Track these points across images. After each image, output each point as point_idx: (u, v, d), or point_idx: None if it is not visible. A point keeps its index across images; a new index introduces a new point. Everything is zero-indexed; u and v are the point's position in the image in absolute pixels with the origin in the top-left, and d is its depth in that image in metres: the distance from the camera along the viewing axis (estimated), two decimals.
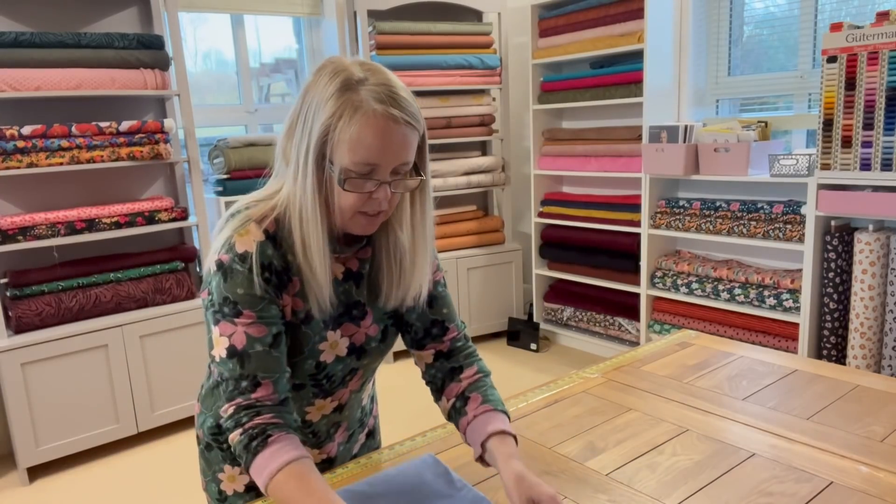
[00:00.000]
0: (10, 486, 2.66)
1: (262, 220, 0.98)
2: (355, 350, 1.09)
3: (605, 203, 3.54)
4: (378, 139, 0.91)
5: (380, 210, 0.97)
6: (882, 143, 2.30)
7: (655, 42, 3.13)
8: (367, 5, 3.53)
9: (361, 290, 1.09)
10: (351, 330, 1.08)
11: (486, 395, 1.10)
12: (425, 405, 3.17)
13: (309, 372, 1.05)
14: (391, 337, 1.15)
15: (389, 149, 0.92)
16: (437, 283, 1.17)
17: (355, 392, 1.17)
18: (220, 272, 0.96)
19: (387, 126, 0.91)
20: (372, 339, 1.11)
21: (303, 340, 1.03)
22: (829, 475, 1.03)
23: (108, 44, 2.75)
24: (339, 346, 1.07)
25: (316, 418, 1.13)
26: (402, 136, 0.93)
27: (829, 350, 2.59)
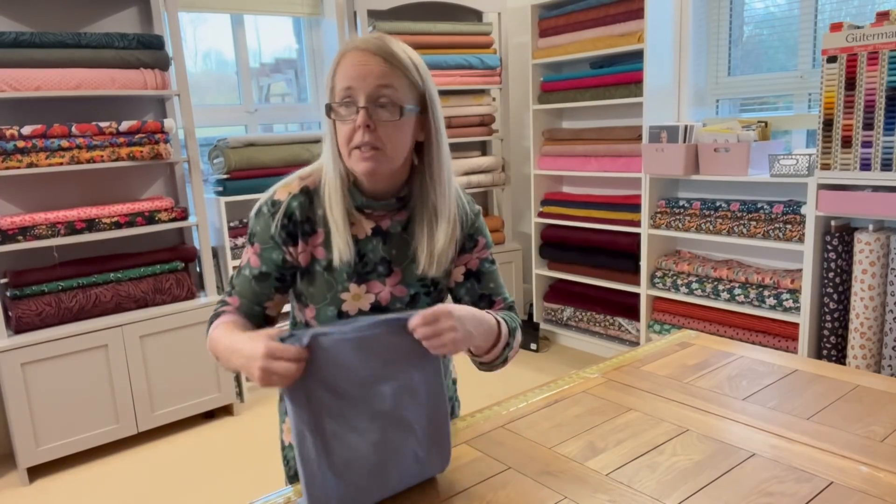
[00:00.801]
0: (10, 486, 2.66)
1: (307, 177, 1.14)
2: (380, 308, 1.15)
3: (605, 203, 3.54)
4: (352, 68, 1.04)
5: (366, 141, 1.03)
6: (882, 143, 2.30)
7: (655, 42, 3.13)
8: (367, 5, 3.53)
9: (389, 249, 1.15)
10: (376, 287, 1.15)
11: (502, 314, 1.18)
12: None
13: (332, 319, 1.14)
14: (422, 304, 1.17)
15: (362, 74, 1.03)
16: (484, 260, 1.23)
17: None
18: (255, 210, 1.15)
19: (361, 56, 1.04)
20: (398, 299, 1.15)
21: (325, 287, 1.14)
22: (829, 475, 1.03)
23: (108, 44, 2.75)
24: (363, 300, 1.14)
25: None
26: (377, 66, 1.03)
27: (829, 350, 2.59)
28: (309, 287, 1.15)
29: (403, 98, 1.06)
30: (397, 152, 1.08)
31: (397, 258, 1.15)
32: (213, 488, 2.55)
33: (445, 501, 1.01)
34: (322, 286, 1.14)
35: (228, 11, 3.51)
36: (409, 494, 1.03)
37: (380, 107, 1.04)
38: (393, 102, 1.04)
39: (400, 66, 1.05)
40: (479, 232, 1.22)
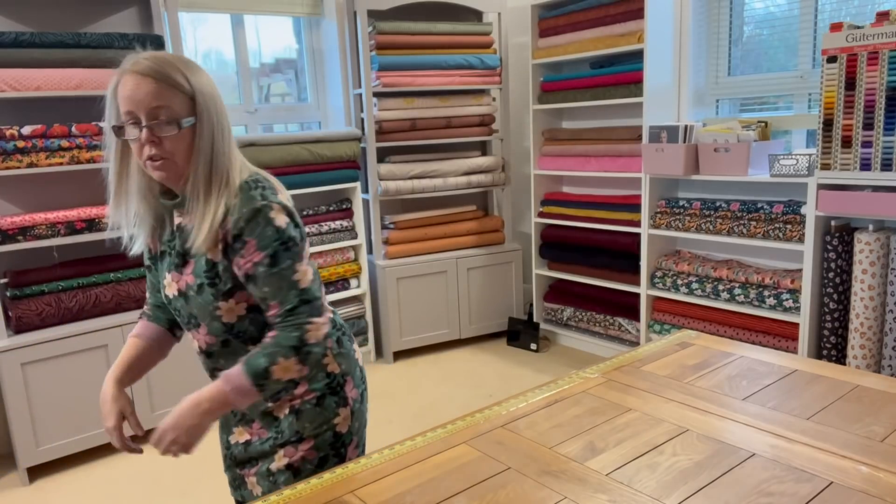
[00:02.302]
0: (10, 486, 2.66)
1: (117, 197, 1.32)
2: (181, 294, 1.28)
3: (605, 203, 3.54)
4: (127, 90, 1.14)
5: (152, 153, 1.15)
6: (882, 143, 2.30)
7: (655, 42, 3.13)
8: (367, 5, 3.53)
9: (184, 243, 1.26)
10: (176, 277, 1.29)
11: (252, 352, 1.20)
12: (426, 405, 3.18)
13: (162, 301, 1.39)
14: (206, 295, 1.24)
15: (136, 98, 1.14)
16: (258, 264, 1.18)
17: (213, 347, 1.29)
18: None
19: (132, 79, 1.14)
20: (189, 286, 1.26)
21: (156, 274, 1.37)
22: (829, 475, 1.03)
23: (108, 44, 2.75)
24: (171, 287, 1.29)
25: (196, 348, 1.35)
26: (146, 87, 1.13)
27: (829, 350, 2.59)
28: (149, 274, 1.41)
29: (179, 112, 1.16)
30: (182, 158, 1.18)
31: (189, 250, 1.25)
32: (214, 488, 2.55)
33: (445, 501, 1.01)
34: (157, 273, 1.36)
35: (228, 11, 3.51)
36: (408, 494, 1.03)
37: (161, 124, 1.15)
38: (170, 119, 1.15)
39: (171, 82, 1.15)
40: (246, 233, 1.17)
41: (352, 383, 1.33)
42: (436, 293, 3.83)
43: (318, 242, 3.53)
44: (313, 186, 3.47)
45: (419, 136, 3.74)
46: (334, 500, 1.04)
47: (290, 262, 1.19)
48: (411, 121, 3.70)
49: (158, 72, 1.14)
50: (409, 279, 3.74)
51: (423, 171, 3.76)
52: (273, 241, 1.18)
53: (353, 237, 3.66)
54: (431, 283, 3.80)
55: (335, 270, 3.61)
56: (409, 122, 3.70)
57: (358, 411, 1.34)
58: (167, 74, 1.15)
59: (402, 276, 3.72)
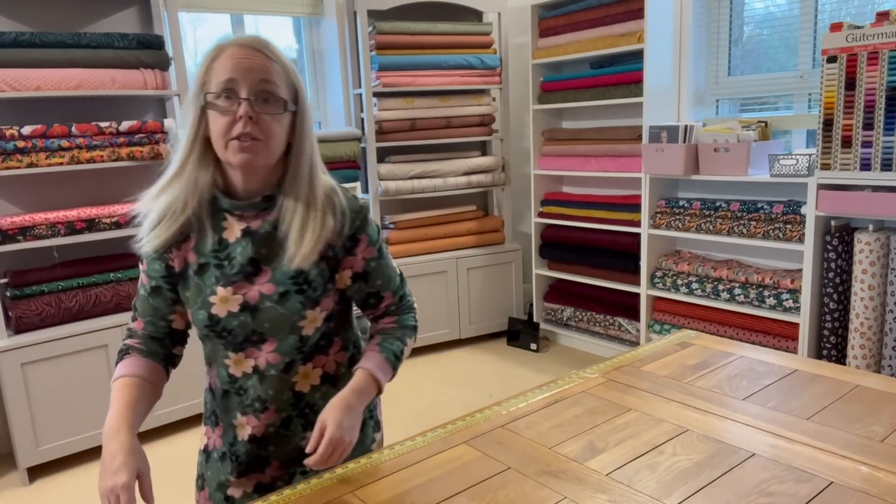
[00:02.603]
0: (10, 486, 2.66)
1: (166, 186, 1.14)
2: (249, 308, 1.14)
3: (605, 203, 3.54)
4: (233, 61, 1.05)
5: (246, 132, 1.04)
6: (882, 143, 2.30)
7: (655, 42, 3.13)
8: (367, 5, 3.53)
9: (258, 249, 1.15)
10: (244, 288, 1.14)
11: (384, 340, 1.23)
12: (425, 405, 3.18)
13: (204, 323, 1.15)
14: (293, 303, 1.14)
15: (245, 67, 1.05)
16: (370, 259, 1.21)
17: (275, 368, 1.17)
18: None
19: (242, 50, 1.06)
20: (266, 297, 1.14)
21: (196, 291, 1.15)
22: (829, 475, 1.03)
23: (108, 44, 2.75)
24: (231, 302, 1.14)
25: (238, 373, 1.20)
26: (257, 59, 1.06)
27: (829, 350, 2.59)
28: (185, 291, 1.17)
29: (284, 93, 1.09)
30: (275, 146, 1.10)
31: (266, 257, 1.15)
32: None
33: (445, 501, 1.01)
34: (194, 290, 1.15)
35: (228, 11, 3.51)
36: (408, 494, 1.03)
37: (262, 100, 1.06)
38: (276, 96, 1.07)
39: (281, 64, 1.09)
40: (360, 230, 1.18)
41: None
42: (436, 293, 3.83)
43: None
44: None
45: (419, 136, 3.74)
46: (334, 500, 1.04)
47: (387, 251, 1.26)
48: (411, 121, 3.70)
49: (271, 50, 1.09)
50: (410, 279, 3.74)
51: (423, 171, 3.76)
52: (377, 235, 1.23)
53: None
54: (431, 283, 3.80)
55: None
56: (409, 122, 3.70)
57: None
58: (279, 56, 1.09)
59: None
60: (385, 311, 1.26)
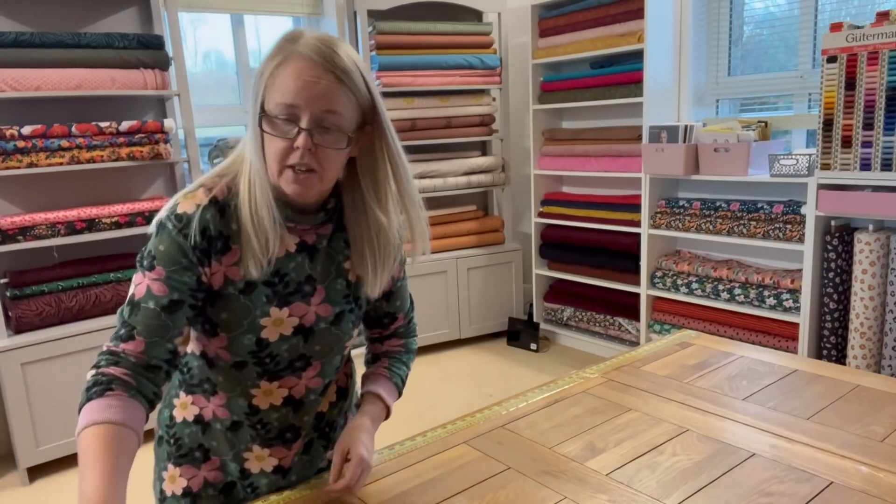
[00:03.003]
0: (10, 486, 2.66)
1: (212, 185, 1.01)
2: (303, 331, 1.05)
3: (605, 203, 3.54)
4: (295, 80, 0.92)
5: (303, 163, 0.93)
6: (882, 143, 2.30)
7: (655, 42, 3.13)
8: (367, 5, 3.53)
9: (315, 266, 1.06)
10: (301, 310, 1.04)
11: (392, 364, 1.22)
12: (425, 405, 3.18)
13: (249, 349, 1.02)
14: (346, 323, 1.09)
15: (307, 91, 0.91)
16: (398, 280, 1.21)
17: (314, 392, 1.12)
18: (156, 228, 0.99)
19: (308, 68, 0.92)
20: (322, 319, 1.06)
21: (241, 313, 1.00)
22: (829, 475, 1.03)
23: (108, 44, 2.75)
24: (285, 325, 1.03)
25: (264, 405, 1.08)
26: (325, 83, 0.92)
27: (829, 350, 2.59)
28: (222, 313, 1.00)
29: (350, 124, 0.96)
30: (332, 176, 0.99)
31: (321, 275, 1.06)
32: None
33: (445, 501, 1.01)
34: (238, 311, 1.00)
35: (228, 11, 3.51)
36: (408, 494, 1.03)
37: (324, 131, 0.94)
38: (340, 129, 0.95)
39: (350, 86, 0.95)
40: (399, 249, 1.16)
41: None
42: (436, 293, 3.83)
43: None
44: None
45: (419, 136, 3.74)
46: (334, 500, 1.04)
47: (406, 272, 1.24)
48: (411, 121, 3.70)
49: (344, 69, 0.94)
50: (410, 279, 3.73)
51: (423, 171, 3.76)
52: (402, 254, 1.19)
53: None
54: (431, 282, 3.80)
55: None
56: (409, 122, 3.70)
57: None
58: (350, 74, 0.94)
59: None
60: (393, 333, 1.24)
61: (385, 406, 1.15)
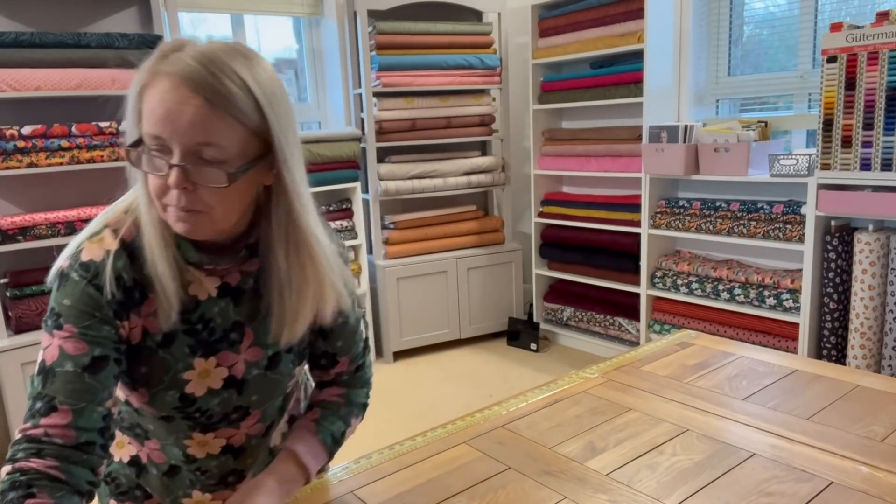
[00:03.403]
0: None
1: (118, 225, 0.87)
2: (235, 383, 0.93)
3: (605, 203, 3.54)
4: (159, 105, 0.76)
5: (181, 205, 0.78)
6: (882, 143, 2.30)
7: (655, 42, 3.13)
8: (367, 5, 3.53)
9: (242, 309, 0.93)
10: (229, 359, 0.92)
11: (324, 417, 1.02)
12: (425, 405, 3.18)
13: (173, 405, 0.91)
14: (285, 365, 0.97)
15: (173, 120, 0.75)
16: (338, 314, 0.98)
17: (258, 437, 1.03)
18: (57, 279, 0.84)
19: (171, 90, 0.75)
20: (253, 365, 0.94)
21: (161, 368, 0.89)
22: (829, 475, 1.03)
23: (108, 44, 2.75)
24: (213, 377, 0.91)
25: (200, 454, 0.99)
26: (192, 108, 0.75)
27: (829, 350, 2.59)
28: (140, 367, 0.89)
29: (235, 155, 0.79)
30: (227, 215, 0.83)
31: (249, 316, 0.93)
32: None
33: (445, 501, 1.01)
34: (157, 366, 0.89)
35: (228, 11, 3.51)
36: (408, 494, 1.03)
37: (202, 164, 0.78)
38: (218, 161, 0.78)
39: (230, 111, 0.77)
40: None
41: None
42: (436, 293, 3.83)
43: None
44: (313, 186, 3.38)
45: (419, 136, 3.74)
46: (334, 500, 1.04)
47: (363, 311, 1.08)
48: (411, 121, 3.70)
49: (217, 91, 0.76)
50: (409, 279, 3.74)
51: (423, 171, 3.76)
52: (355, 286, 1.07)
53: (353, 237, 3.66)
54: (431, 283, 3.80)
55: None
56: (409, 122, 3.70)
57: None
58: (229, 96, 0.76)
59: (403, 276, 3.72)
60: (335, 380, 1.07)
61: (300, 465, 0.95)
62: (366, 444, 2.85)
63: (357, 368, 1.09)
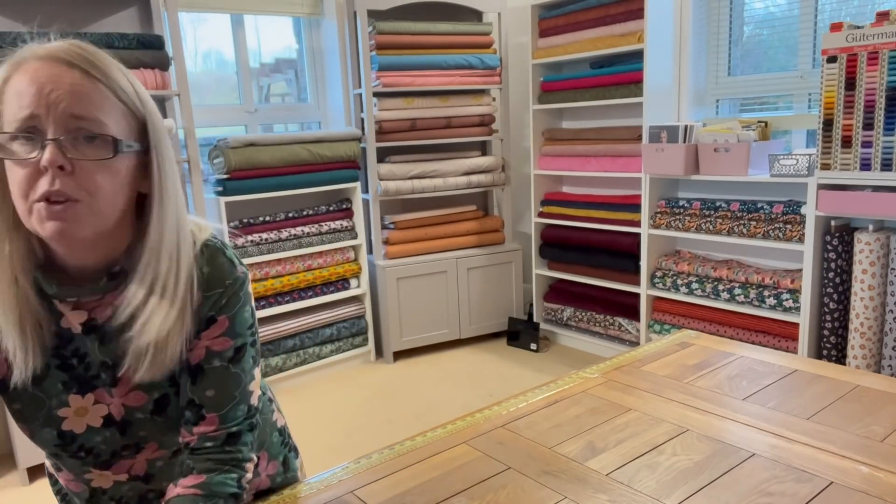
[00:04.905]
0: (10, 485, 2.66)
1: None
2: (114, 423, 0.84)
3: (605, 203, 3.54)
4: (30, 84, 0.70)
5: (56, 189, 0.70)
6: (882, 143, 2.30)
7: (655, 42, 3.13)
8: (367, 5, 3.53)
9: (111, 349, 0.82)
10: (105, 398, 0.84)
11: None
12: (425, 405, 3.18)
13: (53, 442, 0.84)
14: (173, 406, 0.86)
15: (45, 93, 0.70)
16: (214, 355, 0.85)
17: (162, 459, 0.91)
18: None
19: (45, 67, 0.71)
20: (136, 409, 0.84)
21: (33, 405, 0.83)
22: (829, 475, 1.03)
23: (108, 44, 2.75)
24: (91, 415, 0.84)
25: (107, 485, 0.91)
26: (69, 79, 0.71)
27: (829, 350, 2.59)
28: (13, 404, 0.84)
29: (116, 128, 0.74)
30: (105, 204, 0.75)
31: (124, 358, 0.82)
32: None
33: (445, 501, 1.01)
34: (30, 403, 0.83)
35: (228, 11, 3.51)
36: (408, 494, 1.03)
37: (83, 140, 0.72)
38: (102, 134, 0.73)
39: (109, 83, 0.74)
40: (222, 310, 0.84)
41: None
42: (436, 293, 3.83)
43: (318, 242, 3.53)
44: (313, 186, 3.47)
45: (419, 136, 3.74)
46: (334, 500, 1.04)
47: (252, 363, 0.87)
48: (411, 121, 3.70)
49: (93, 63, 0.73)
50: (409, 279, 3.74)
51: (423, 171, 3.76)
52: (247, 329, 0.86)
53: (353, 237, 3.66)
54: (431, 283, 3.80)
55: (335, 270, 3.61)
56: (409, 122, 3.70)
57: None
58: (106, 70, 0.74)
59: (402, 276, 3.72)
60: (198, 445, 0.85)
61: None
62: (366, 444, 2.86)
63: (229, 438, 0.85)
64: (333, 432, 2.92)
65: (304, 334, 3.49)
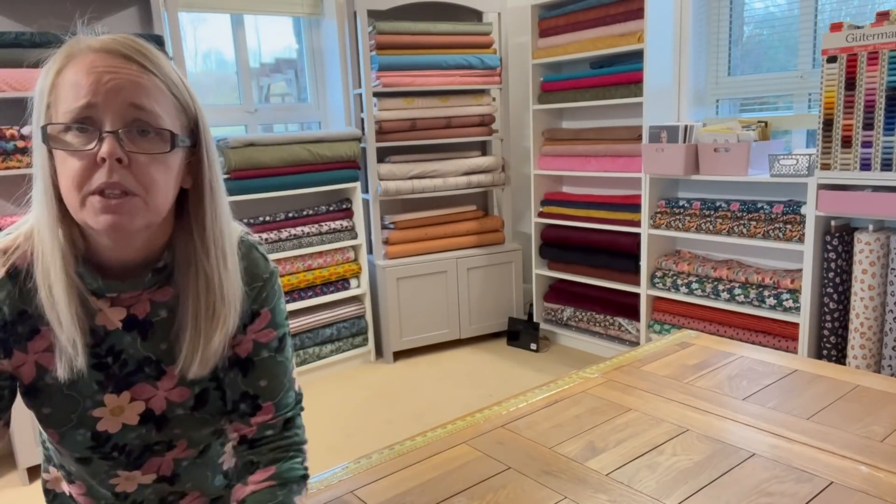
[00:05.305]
0: (10, 485, 2.66)
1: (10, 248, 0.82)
2: (153, 418, 0.84)
3: (605, 203, 3.54)
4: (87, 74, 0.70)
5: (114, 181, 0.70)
6: (882, 143, 2.30)
7: (655, 42, 3.13)
8: (367, 5, 3.53)
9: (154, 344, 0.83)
10: (146, 392, 0.83)
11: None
12: (425, 405, 3.18)
13: (85, 444, 0.83)
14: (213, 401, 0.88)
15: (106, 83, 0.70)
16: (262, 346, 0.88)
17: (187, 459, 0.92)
18: None
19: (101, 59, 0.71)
20: (177, 405, 0.85)
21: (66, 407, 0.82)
22: (829, 475, 1.03)
23: None
24: (127, 413, 0.83)
25: (131, 488, 0.90)
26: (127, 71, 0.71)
27: (829, 350, 2.59)
28: (43, 408, 0.84)
29: (171, 122, 0.75)
30: (161, 200, 0.75)
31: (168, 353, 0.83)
32: None
33: (445, 501, 1.01)
34: (62, 406, 0.82)
35: (228, 11, 3.51)
36: (408, 494, 1.03)
37: (138, 133, 0.72)
38: (160, 128, 0.73)
39: (164, 78, 0.74)
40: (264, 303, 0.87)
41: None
42: (436, 293, 3.83)
43: (318, 242, 3.53)
44: (313, 186, 3.47)
45: (419, 136, 3.74)
46: (334, 500, 1.04)
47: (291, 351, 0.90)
48: (411, 121, 3.70)
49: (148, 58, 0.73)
50: (409, 279, 3.74)
51: (423, 171, 3.76)
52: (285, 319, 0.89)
53: (353, 237, 3.66)
54: (431, 283, 3.80)
55: (335, 270, 3.61)
56: (409, 122, 3.70)
57: None
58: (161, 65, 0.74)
59: (402, 276, 3.72)
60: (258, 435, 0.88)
61: None
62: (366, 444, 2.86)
63: (286, 424, 0.90)
64: (333, 432, 2.92)
65: (304, 334, 3.49)
